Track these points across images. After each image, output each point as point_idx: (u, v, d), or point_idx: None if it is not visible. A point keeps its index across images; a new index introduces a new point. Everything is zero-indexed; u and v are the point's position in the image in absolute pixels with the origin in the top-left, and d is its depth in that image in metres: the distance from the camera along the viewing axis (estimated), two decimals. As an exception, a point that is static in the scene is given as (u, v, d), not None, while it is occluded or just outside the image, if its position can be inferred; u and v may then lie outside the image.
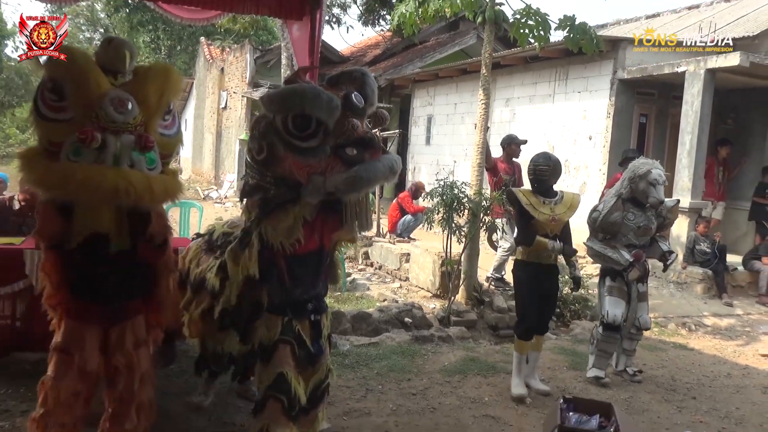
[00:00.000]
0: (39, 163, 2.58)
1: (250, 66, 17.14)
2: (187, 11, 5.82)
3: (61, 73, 2.56)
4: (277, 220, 2.84)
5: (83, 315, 2.80)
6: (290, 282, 3.02)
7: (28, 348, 4.45)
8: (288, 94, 2.70)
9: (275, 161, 2.77)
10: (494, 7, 6.75)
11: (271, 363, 2.98)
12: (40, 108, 2.56)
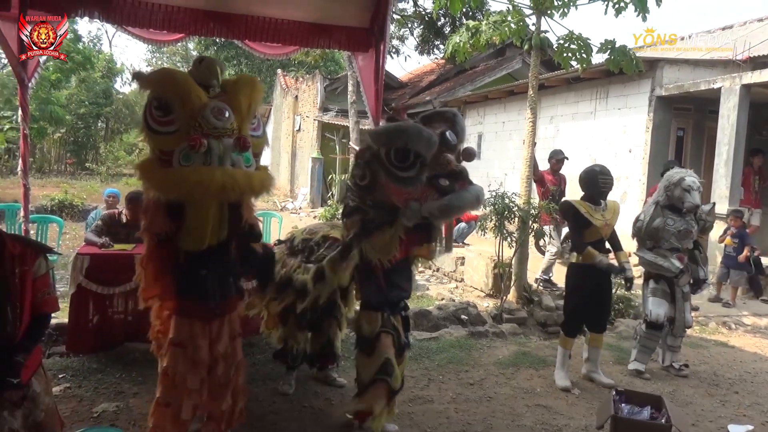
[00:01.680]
0: (156, 170, 2.66)
1: (321, 93, 17.40)
2: (269, 48, 5.98)
3: (167, 92, 2.63)
4: (376, 239, 3.01)
5: (191, 312, 2.85)
6: (386, 286, 3.18)
7: (138, 339, 4.61)
8: (394, 131, 2.82)
9: (376, 187, 2.91)
10: (540, 35, 6.65)
11: (376, 351, 3.15)
12: (150, 124, 2.63)
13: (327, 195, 16.26)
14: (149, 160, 2.72)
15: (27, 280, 2.29)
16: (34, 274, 2.33)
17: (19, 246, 2.32)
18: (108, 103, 28.30)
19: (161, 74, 2.78)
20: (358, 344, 3.29)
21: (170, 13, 5.40)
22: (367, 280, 3.19)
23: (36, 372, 2.39)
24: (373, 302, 3.22)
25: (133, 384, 4.05)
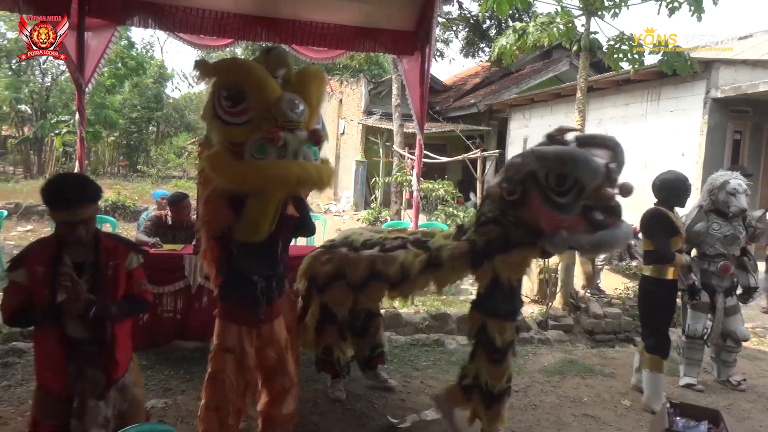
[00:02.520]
0: (228, 162, 2.54)
1: (365, 97, 17.50)
2: (315, 52, 6.05)
3: (240, 81, 2.53)
4: (512, 257, 2.92)
5: (239, 318, 2.86)
6: (512, 295, 3.14)
7: (186, 337, 4.74)
8: (565, 156, 2.66)
9: (524, 206, 2.79)
10: (589, 36, 6.52)
11: (506, 362, 3.13)
12: (220, 115, 2.54)
13: (370, 198, 16.32)
14: (219, 152, 2.59)
15: (120, 273, 2.38)
16: (127, 267, 2.42)
17: (113, 241, 2.42)
18: (159, 107, 29.14)
19: (233, 63, 2.69)
20: (486, 354, 3.15)
21: (220, 19, 5.54)
22: (494, 288, 3.07)
23: (129, 366, 2.50)
24: (502, 311, 3.11)
25: (180, 381, 4.14)
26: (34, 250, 2.31)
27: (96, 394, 2.30)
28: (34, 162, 24.31)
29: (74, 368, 2.29)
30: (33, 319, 2.29)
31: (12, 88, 23.39)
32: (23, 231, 11.39)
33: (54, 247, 2.29)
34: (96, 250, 2.33)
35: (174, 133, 31.83)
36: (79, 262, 2.30)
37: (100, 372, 2.33)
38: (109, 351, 2.34)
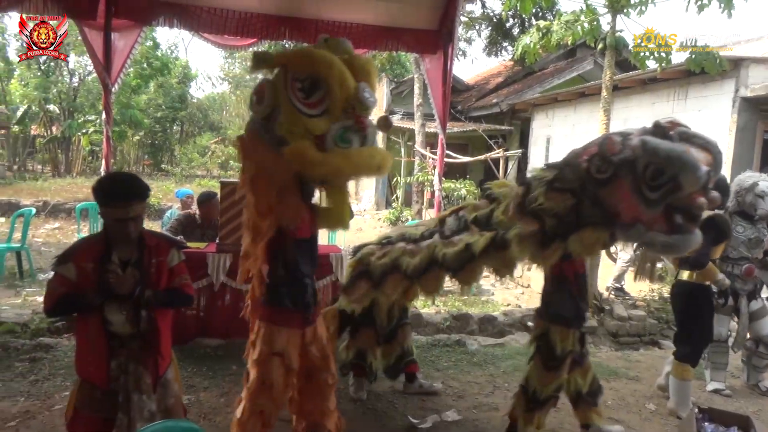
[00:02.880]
0: (315, 153, 2.45)
1: (387, 96, 17.50)
2: (341, 52, 6.05)
3: (320, 72, 2.46)
4: (586, 234, 2.77)
5: (289, 322, 2.78)
6: (579, 297, 3.07)
7: (209, 335, 4.79)
8: (673, 155, 2.52)
9: (610, 187, 2.68)
10: (615, 34, 6.43)
11: (562, 370, 3.07)
12: (299, 107, 2.46)
13: (391, 198, 16.32)
14: (304, 143, 2.45)
15: (163, 270, 2.46)
16: (168, 264, 2.50)
17: (155, 239, 2.50)
18: (183, 107, 29.51)
19: (310, 53, 2.57)
20: (542, 359, 3.10)
21: (243, 19, 5.58)
22: (559, 289, 3.02)
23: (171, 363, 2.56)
24: (566, 316, 3.03)
25: (203, 378, 4.18)
26: (84, 247, 2.39)
27: (140, 389, 2.36)
28: (61, 161, 24.78)
29: (117, 363, 2.36)
30: (75, 308, 2.37)
31: (41, 89, 23.87)
32: (51, 228, 11.61)
33: (102, 245, 2.38)
34: (140, 248, 2.42)
35: (198, 132, 32.22)
36: (124, 259, 2.39)
37: (142, 367, 2.39)
38: (153, 346, 2.41)
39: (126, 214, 2.33)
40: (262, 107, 2.51)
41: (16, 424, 3.41)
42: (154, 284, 2.43)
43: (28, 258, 7.19)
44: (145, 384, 2.39)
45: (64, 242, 9.92)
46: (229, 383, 4.12)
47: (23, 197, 13.95)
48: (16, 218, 7.42)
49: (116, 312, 2.35)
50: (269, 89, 2.50)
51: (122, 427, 2.32)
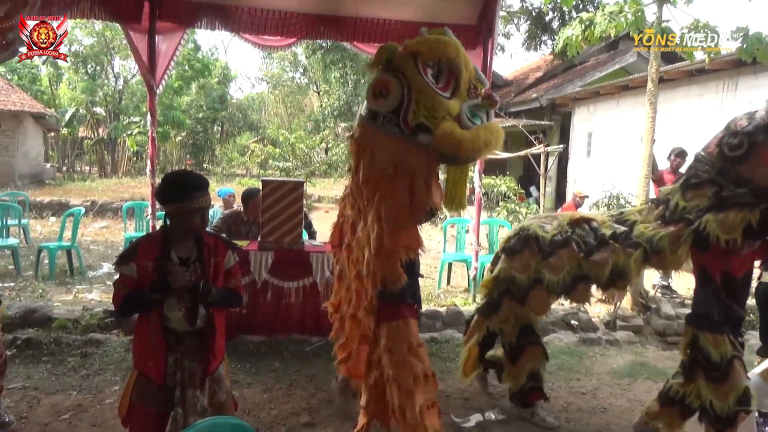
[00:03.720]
0: (463, 132, 2.44)
1: (424, 93, 17.41)
2: (376, 48, 6.04)
3: (450, 57, 2.52)
4: (727, 216, 2.71)
5: (413, 314, 2.80)
6: (728, 299, 2.91)
7: (251, 332, 4.85)
8: None
9: (750, 161, 2.63)
10: (661, 24, 6.23)
11: (731, 378, 2.87)
12: (439, 93, 2.48)
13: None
14: (451, 125, 2.43)
15: (220, 270, 2.50)
16: (226, 265, 2.53)
17: (213, 239, 2.53)
18: (223, 107, 30.03)
19: (437, 40, 2.59)
20: (703, 372, 2.96)
21: (283, 19, 5.64)
22: (702, 288, 2.90)
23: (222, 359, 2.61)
24: (714, 319, 2.88)
25: (247, 374, 4.24)
26: (144, 246, 2.42)
27: (194, 385, 2.42)
28: (108, 162, 25.54)
29: (173, 359, 2.42)
30: (140, 307, 2.42)
31: (88, 92, 24.65)
32: (99, 227, 11.97)
33: (161, 244, 2.42)
34: (198, 247, 2.46)
35: (237, 132, 32.75)
36: (183, 258, 2.43)
37: (197, 363, 2.44)
38: (208, 343, 2.46)
39: (198, 204, 2.38)
40: (389, 100, 2.51)
41: (69, 416, 3.52)
42: (212, 282, 2.47)
43: (78, 256, 7.43)
44: (199, 380, 2.44)
45: (112, 240, 10.22)
46: (272, 379, 4.17)
47: (72, 197, 14.43)
48: (66, 218, 7.68)
49: (174, 308, 2.40)
50: (395, 81, 2.50)
51: (177, 421, 2.37)
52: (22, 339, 4.50)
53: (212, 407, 2.47)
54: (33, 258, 7.44)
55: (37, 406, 3.64)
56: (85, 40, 25.68)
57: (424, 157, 2.52)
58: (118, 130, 24.04)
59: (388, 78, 2.52)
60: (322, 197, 18.83)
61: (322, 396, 3.92)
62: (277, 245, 4.90)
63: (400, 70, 2.51)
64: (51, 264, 7.07)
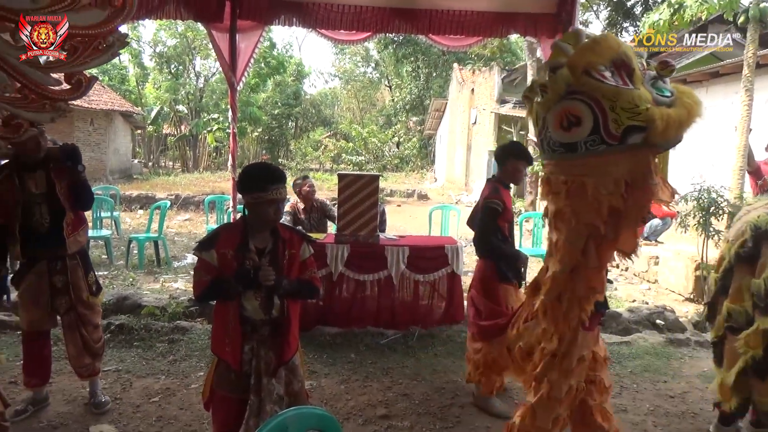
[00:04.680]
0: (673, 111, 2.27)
1: (498, 85, 17.10)
2: (452, 40, 5.98)
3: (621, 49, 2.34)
4: None
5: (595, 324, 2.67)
6: None
7: (328, 323, 4.93)
8: None
9: None
10: (759, 4, 5.82)
11: None
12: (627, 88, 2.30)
13: (503, 189, 15.96)
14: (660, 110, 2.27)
15: (294, 262, 2.54)
16: (301, 257, 2.56)
17: (288, 232, 2.58)
18: (297, 103, 30.74)
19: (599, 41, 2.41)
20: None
21: (359, 13, 5.66)
22: None
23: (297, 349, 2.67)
24: None
25: (324, 365, 4.31)
26: (224, 235, 2.50)
27: (269, 373, 2.47)
28: (189, 157, 26.74)
29: (249, 347, 2.48)
30: (220, 296, 2.50)
31: (171, 91, 25.89)
32: (182, 220, 12.54)
33: (240, 234, 2.48)
34: (274, 238, 2.51)
35: (311, 127, 33.45)
36: (260, 248, 2.49)
37: (272, 352, 2.50)
38: (283, 333, 2.51)
39: (272, 197, 2.42)
40: (584, 126, 2.30)
41: (159, 399, 3.70)
42: (287, 273, 2.52)
43: (164, 247, 7.82)
44: (274, 368, 2.49)
45: (194, 232, 10.68)
46: (348, 371, 4.22)
47: (158, 191, 15.20)
48: (153, 211, 8.09)
49: (251, 298, 2.47)
50: (580, 104, 2.31)
51: (253, 408, 2.43)
52: (116, 324, 4.76)
53: (287, 396, 2.52)
54: (124, 248, 7.89)
55: (130, 389, 3.85)
56: (168, 41, 26.96)
57: (640, 156, 2.33)
58: (199, 126, 25.12)
59: (571, 105, 2.34)
60: (394, 191, 18.90)
61: (398, 389, 3.93)
62: (353, 238, 4.95)
63: (580, 91, 2.33)
64: (140, 254, 7.47)
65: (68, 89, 2.70)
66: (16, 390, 3.71)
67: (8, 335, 4.58)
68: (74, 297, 3.43)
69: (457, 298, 5.12)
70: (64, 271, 3.41)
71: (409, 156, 28.41)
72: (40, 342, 3.51)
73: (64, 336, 3.53)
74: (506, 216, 3.69)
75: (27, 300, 3.39)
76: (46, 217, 3.32)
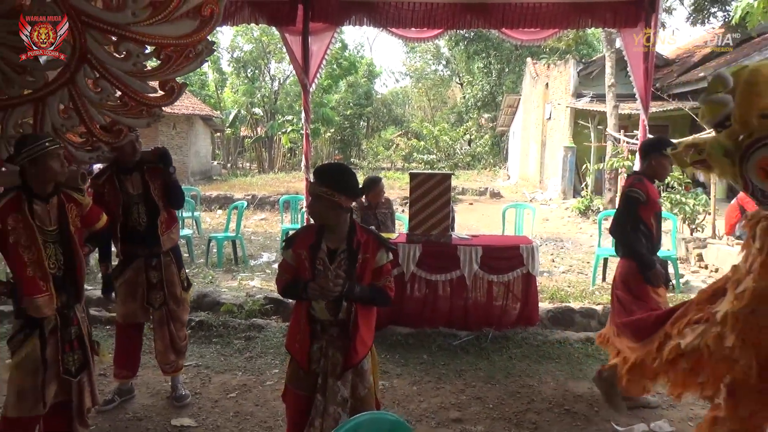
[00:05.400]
0: None
1: (573, 78, 16.53)
2: (526, 34, 5.81)
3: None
4: None
5: None
6: None
7: (400, 323, 4.90)
8: None
9: None
10: None
11: None
12: None
13: (580, 186, 15.43)
14: None
15: (367, 267, 2.47)
16: (377, 263, 2.49)
17: (365, 235, 2.52)
18: (369, 103, 30.99)
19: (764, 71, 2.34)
20: None
21: (430, 10, 5.61)
22: None
23: (369, 354, 2.58)
24: None
25: (396, 365, 4.28)
26: (301, 236, 2.54)
27: (335, 374, 2.46)
28: (265, 158, 27.53)
29: (318, 347, 2.48)
30: (292, 295, 2.56)
31: (248, 94, 26.76)
32: (258, 219, 12.90)
33: (315, 234, 2.50)
34: (349, 240, 2.47)
35: (382, 126, 33.65)
36: (332, 248, 2.48)
37: (340, 354, 2.47)
38: (350, 335, 2.47)
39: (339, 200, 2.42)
40: None
41: (236, 395, 3.80)
42: (357, 278, 2.46)
43: (241, 246, 8.06)
44: (341, 370, 2.46)
45: (270, 232, 10.95)
46: (420, 372, 4.17)
47: (236, 192, 15.73)
48: (231, 211, 8.36)
49: (321, 304, 2.47)
50: None
51: (318, 408, 2.42)
52: (196, 321, 4.93)
53: (353, 400, 2.46)
54: (204, 247, 8.18)
55: (209, 384, 3.97)
56: (245, 46, 27.87)
57: None
58: (274, 128, 25.82)
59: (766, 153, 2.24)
60: (466, 189, 18.66)
61: (471, 392, 3.84)
62: (425, 238, 4.89)
63: None
64: (219, 253, 7.73)
65: (162, 95, 2.86)
66: (104, 382, 3.90)
67: (98, 329, 4.84)
68: (168, 292, 3.64)
69: (532, 300, 4.96)
70: (159, 268, 3.62)
71: (481, 153, 28.02)
72: (133, 335, 3.74)
73: (154, 332, 3.72)
74: (653, 207, 3.54)
75: (124, 295, 3.61)
76: (143, 216, 3.56)
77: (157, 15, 2.63)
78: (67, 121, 2.83)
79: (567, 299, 5.82)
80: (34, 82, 2.77)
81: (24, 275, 2.61)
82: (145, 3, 2.63)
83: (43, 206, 2.68)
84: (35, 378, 2.65)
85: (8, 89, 2.79)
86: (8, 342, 2.73)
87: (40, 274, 2.64)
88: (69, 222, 2.77)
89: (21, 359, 2.66)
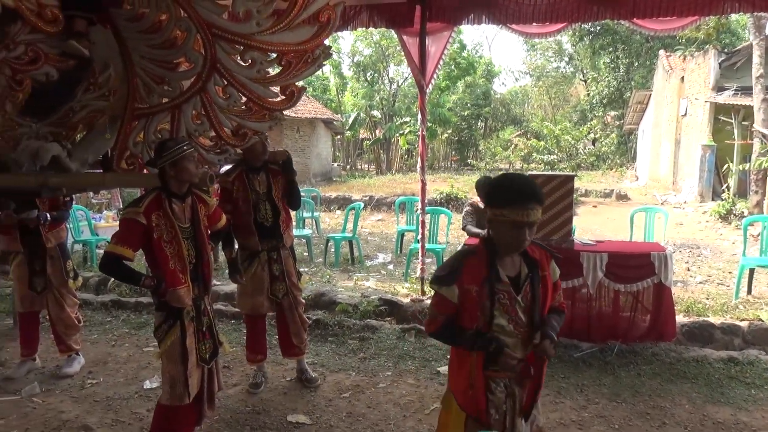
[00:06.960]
0: None
1: (714, 71, 15.13)
2: (661, 23, 5.35)
3: None
4: None
5: None
6: None
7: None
8: None
9: None
10: None
11: None
12: None
13: (720, 188, 14.10)
14: None
15: (548, 286, 2.13)
16: (552, 278, 2.15)
17: (537, 250, 2.15)
18: (487, 103, 30.50)
19: None
20: None
21: (553, 3, 5.33)
22: None
23: None
24: None
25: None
26: (468, 269, 2.07)
27: (522, 413, 2.17)
28: (383, 160, 28.01)
29: (499, 390, 2.12)
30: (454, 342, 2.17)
31: (367, 97, 27.43)
32: (375, 220, 13.12)
33: (486, 262, 2.06)
34: (523, 262, 2.10)
35: (500, 126, 32.97)
36: (511, 276, 2.08)
37: (523, 391, 2.17)
38: (536, 373, 2.12)
39: (526, 217, 1.97)
40: None
41: (349, 395, 3.84)
42: (542, 305, 2.10)
43: (358, 246, 8.21)
44: (528, 409, 2.19)
45: (386, 233, 11.09)
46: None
47: (354, 193, 16.13)
48: (348, 211, 8.56)
49: (511, 332, 2.09)
50: None
51: None
52: (313, 319, 5.07)
53: None
54: (322, 247, 8.44)
55: (323, 382, 4.05)
56: (365, 50, 28.57)
57: None
58: (392, 130, 26.21)
59: None
60: (590, 191, 17.72)
61: (594, 410, 3.59)
62: (545, 242, 4.66)
63: None
64: (336, 253, 7.93)
65: (283, 100, 2.98)
66: (228, 374, 4.12)
67: (224, 323, 5.12)
68: (288, 283, 3.92)
69: (665, 313, 4.55)
70: (280, 261, 3.90)
71: (606, 153, 26.55)
72: (260, 324, 4.05)
73: (284, 318, 3.96)
74: None
75: (251, 287, 3.89)
76: (270, 213, 3.84)
77: (279, 24, 2.73)
78: (199, 126, 3.02)
79: (705, 313, 5.30)
80: (171, 91, 2.98)
81: (167, 268, 2.80)
82: (269, 13, 2.74)
83: (180, 205, 2.89)
84: (181, 366, 2.84)
85: (149, 98, 3.02)
86: (154, 332, 2.95)
87: (180, 267, 2.84)
88: (201, 220, 2.99)
89: (167, 348, 2.86)
